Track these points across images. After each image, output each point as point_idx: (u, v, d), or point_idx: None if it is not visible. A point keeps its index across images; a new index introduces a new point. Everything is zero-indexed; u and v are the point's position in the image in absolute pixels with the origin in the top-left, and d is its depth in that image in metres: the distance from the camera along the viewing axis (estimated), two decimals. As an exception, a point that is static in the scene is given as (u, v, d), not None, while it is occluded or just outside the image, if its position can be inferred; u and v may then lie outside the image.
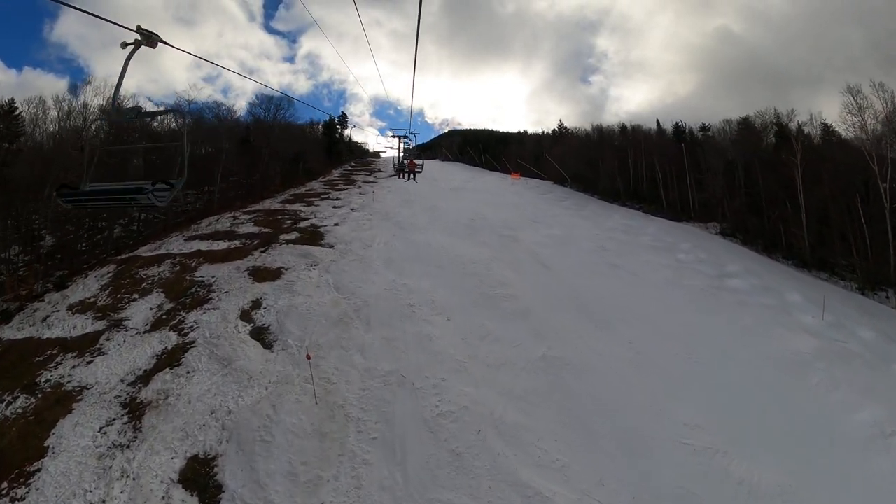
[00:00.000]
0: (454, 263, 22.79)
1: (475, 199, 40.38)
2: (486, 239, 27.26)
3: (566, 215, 35.05)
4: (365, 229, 28.94)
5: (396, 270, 21.70)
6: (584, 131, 57.20)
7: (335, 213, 34.54)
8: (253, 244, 27.03)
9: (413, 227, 29.39)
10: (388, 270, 21.75)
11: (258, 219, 33.70)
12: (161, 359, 16.54)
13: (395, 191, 45.18)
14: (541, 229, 30.29)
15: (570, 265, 23.48)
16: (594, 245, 27.66)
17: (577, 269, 22.99)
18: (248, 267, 23.25)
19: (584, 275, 22.48)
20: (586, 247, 27.36)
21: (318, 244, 26.28)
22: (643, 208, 41.41)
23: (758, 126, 40.96)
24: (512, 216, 33.19)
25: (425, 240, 26.35)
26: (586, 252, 26.26)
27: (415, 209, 35.25)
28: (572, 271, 22.67)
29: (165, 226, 36.02)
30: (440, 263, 22.78)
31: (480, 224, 30.47)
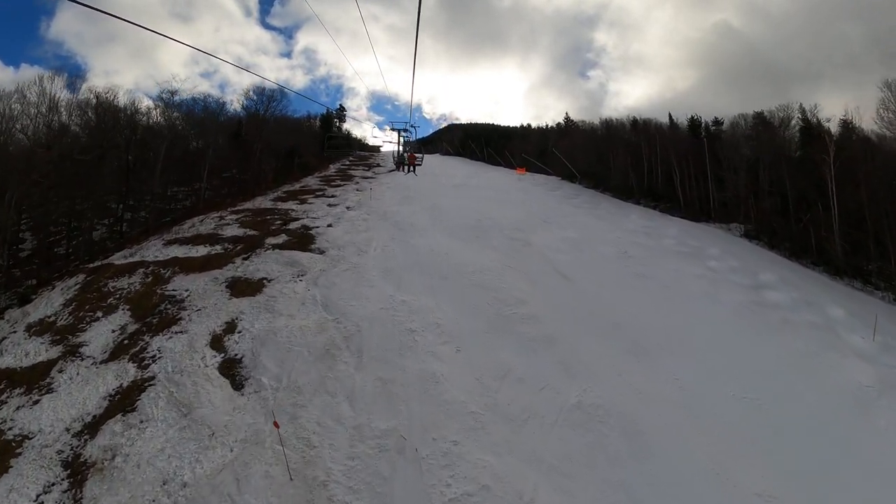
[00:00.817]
0: (460, 273, 19.65)
1: (479, 196, 37.13)
2: (494, 243, 24.08)
3: (579, 215, 31.84)
4: (360, 231, 25.75)
5: (395, 282, 18.56)
6: (591, 125, 53.79)
7: (329, 212, 31.30)
8: (235, 250, 23.85)
9: (413, 228, 26.18)
10: (385, 282, 18.61)
11: (245, 219, 30.45)
12: (114, 400, 13.52)
13: (395, 187, 41.88)
14: (554, 231, 27.11)
15: (592, 275, 20.35)
16: (615, 250, 24.50)
17: (601, 280, 19.87)
18: (227, 278, 20.10)
19: (609, 286, 19.36)
20: (607, 252, 24.21)
21: (308, 249, 23.11)
22: (659, 207, 38.19)
23: (775, 122, 37.77)
24: (521, 216, 29.97)
25: (427, 244, 23.17)
26: (608, 258, 23.13)
27: (415, 207, 32.01)
28: (596, 282, 19.55)
29: (147, 227, 32.81)
30: (445, 273, 19.64)
31: (487, 225, 27.26)
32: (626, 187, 40.87)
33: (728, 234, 33.09)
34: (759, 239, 32.64)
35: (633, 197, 40.47)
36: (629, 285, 19.81)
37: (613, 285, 19.43)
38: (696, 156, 38.71)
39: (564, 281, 19.33)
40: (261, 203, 37.17)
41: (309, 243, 24.04)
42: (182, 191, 43.24)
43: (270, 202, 37.32)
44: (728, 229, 34.34)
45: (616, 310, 17.25)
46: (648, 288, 19.84)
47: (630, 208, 36.96)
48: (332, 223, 27.93)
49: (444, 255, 21.71)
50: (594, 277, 19.92)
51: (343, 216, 29.77)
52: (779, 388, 14.13)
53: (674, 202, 38.79)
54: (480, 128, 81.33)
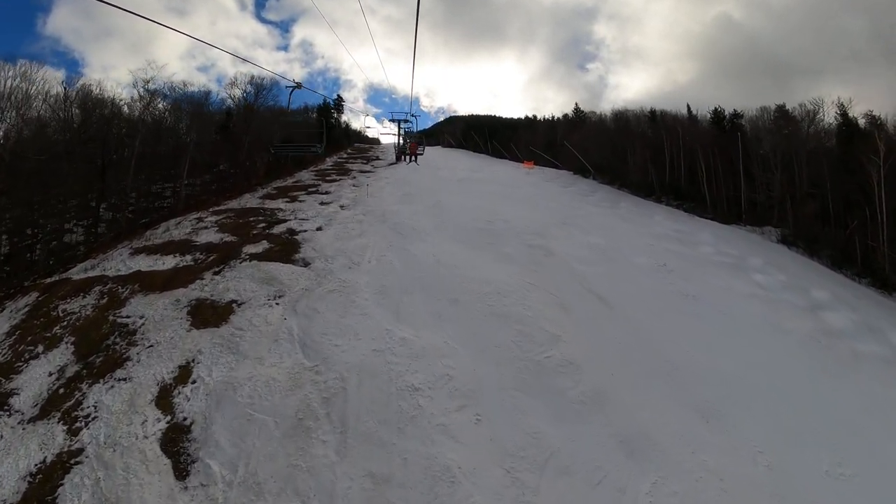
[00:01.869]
0: (474, 294, 15.94)
1: (487, 192, 33.25)
2: (510, 250, 20.32)
3: (600, 215, 28.05)
4: (354, 236, 21.95)
5: (392, 309, 14.87)
6: (603, 116, 49.66)
7: (321, 212, 27.48)
8: (207, 261, 20.11)
9: (415, 232, 22.38)
10: (379, 308, 14.92)
11: (226, 221, 26.65)
12: (34, 483, 9.96)
13: (394, 182, 37.98)
14: (576, 235, 23.36)
15: (632, 296, 16.68)
16: (650, 260, 20.81)
17: (644, 303, 16.21)
18: (191, 300, 16.42)
19: (654, 312, 15.71)
20: (642, 263, 20.51)
21: (291, 260, 19.39)
22: (684, 206, 34.39)
23: (798, 116, 33.95)
24: (536, 216, 26.16)
25: (431, 253, 19.42)
26: (645, 272, 19.45)
27: (416, 206, 28.18)
28: (639, 307, 15.89)
29: (120, 231, 28.99)
30: (454, 294, 15.94)
31: (500, 228, 23.46)
32: (645, 184, 37.00)
33: (764, 240, 29.37)
34: (797, 245, 28.96)
35: (654, 194, 36.62)
36: (678, 309, 16.15)
37: (660, 310, 15.77)
38: (722, 151, 34.84)
39: (602, 305, 15.64)
40: (247, 201, 33.31)
41: (293, 252, 20.30)
42: (169, 187, 39.36)
43: (258, 200, 33.46)
44: (762, 233, 30.63)
45: (670, 347, 13.62)
46: (701, 314, 16.18)
47: (653, 207, 33.14)
48: (322, 226, 24.13)
49: (451, 267, 17.98)
50: (635, 300, 16.24)
51: (335, 217, 25.96)
52: (874, 453, 10.74)
53: (698, 201, 34.98)
54: (484, 119, 76.97)
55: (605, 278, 17.81)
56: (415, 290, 15.76)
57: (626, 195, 36.52)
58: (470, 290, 16.25)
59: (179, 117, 36.18)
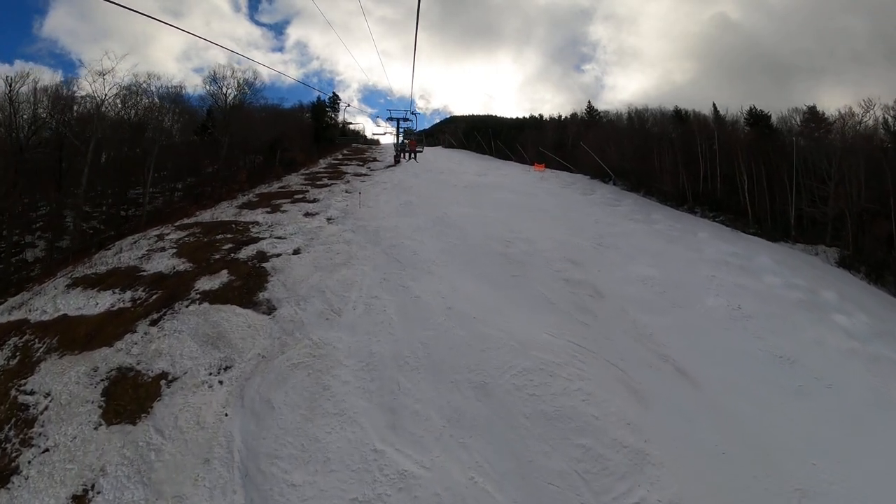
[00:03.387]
0: (508, 373, 10.96)
1: (499, 201, 28.30)
2: (544, 289, 15.37)
3: (640, 233, 23.10)
4: (338, 264, 16.98)
5: (385, 405, 9.96)
6: (619, 115, 44.73)
7: (303, 227, 22.52)
8: (148, 302, 15.20)
9: (416, 258, 17.42)
10: (365, 403, 10.02)
11: (187, 241, 21.69)
12: None
13: (392, 188, 32.94)
14: (620, 262, 18.51)
15: (718, 363, 11.90)
16: (721, 301, 16.01)
17: (737, 377, 11.39)
18: (112, 369, 11.56)
19: (753, 394, 10.90)
20: (713, 307, 15.71)
21: (252, 302, 14.50)
22: (723, 219, 29.56)
23: (839, 120, 29.36)
24: (564, 234, 21.24)
25: (439, 293, 14.45)
26: (720, 321, 14.68)
27: (417, 220, 23.21)
28: (731, 383, 11.07)
29: (68, 255, 23.94)
30: (479, 373, 10.96)
31: (523, 251, 18.51)
32: (676, 192, 32.14)
33: (821, 263, 24.56)
34: (857, 269, 24.22)
35: (686, 204, 31.77)
36: (778, 385, 11.35)
37: (759, 390, 10.93)
38: (765, 157, 30.05)
39: (685, 384, 10.82)
40: (223, 212, 28.26)
41: (256, 289, 15.38)
42: (150, 193, 34.30)
43: (235, 210, 28.41)
44: (815, 253, 25.84)
45: (792, 463, 8.80)
46: (808, 391, 11.37)
47: (691, 221, 28.25)
48: (300, 247, 19.18)
49: (469, 321, 13.00)
50: (724, 370, 11.42)
51: (319, 234, 20.98)
52: None
53: (738, 214, 30.17)
54: (488, 119, 71.94)
55: (678, 334, 12.97)
56: (419, 366, 10.85)
57: (656, 205, 31.62)
58: (500, 363, 11.29)
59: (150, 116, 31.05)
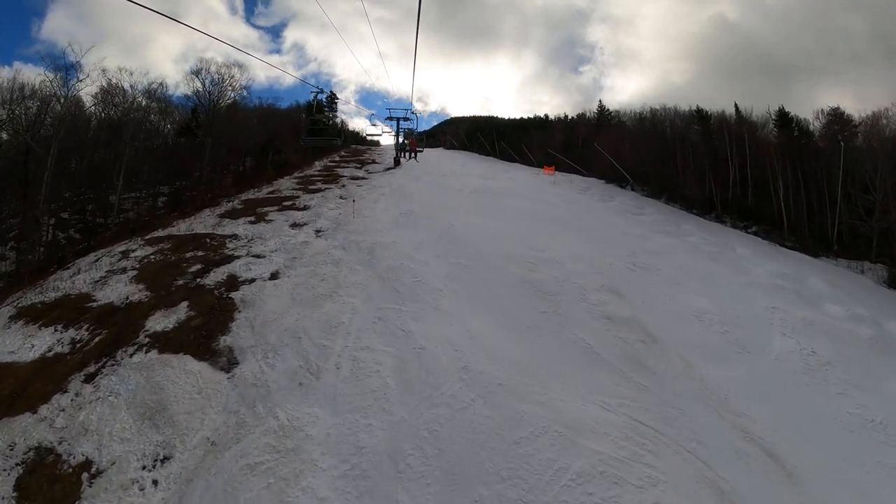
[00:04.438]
0: (555, 488, 7.43)
1: (511, 210, 24.73)
2: (584, 333, 11.75)
3: (676, 249, 19.48)
4: (322, 296, 13.43)
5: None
6: (634, 114, 41.19)
7: (286, 241, 19.02)
8: (89, 346, 11.71)
9: (419, 289, 13.81)
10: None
11: (152, 260, 18.20)
12: None
13: (391, 194, 29.39)
14: (666, 290, 15.01)
15: (808, 438, 8.48)
16: (791, 344, 12.62)
17: (834, 461, 7.91)
18: (29, 450, 8.26)
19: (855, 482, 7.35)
20: (784, 353, 12.24)
21: (209, 352, 11.02)
22: (759, 232, 26.03)
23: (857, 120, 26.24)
24: (593, 252, 17.64)
25: (450, 344, 10.86)
26: (795, 373, 11.34)
27: (420, 233, 19.68)
28: (828, 470, 7.53)
29: (31, 269, 20.30)
30: (515, 491, 7.38)
31: (550, 279, 14.88)
32: (702, 199, 28.62)
33: (871, 283, 20.97)
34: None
35: (714, 212, 28.24)
36: (875, 461, 7.82)
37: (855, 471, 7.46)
38: (801, 163, 26.62)
39: (781, 479, 7.37)
40: (201, 221, 24.71)
41: (218, 331, 11.87)
42: (133, 198, 30.78)
43: (215, 219, 24.88)
44: (861, 271, 22.31)
45: None
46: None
47: (724, 233, 24.71)
48: (279, 270, 15.66)
49: (494, 390, 9.42)
50: (816, 449, 7.96)
51: (304, 252, 17.44)
52: None
53: (772, 224, 26.65)
54: (492, 120, 68.42)
55: (755, 394, 9.69)
56: (427, 471, 7.40)
57: (682, 213, 28.07)
58: (543, 465, 7.77)
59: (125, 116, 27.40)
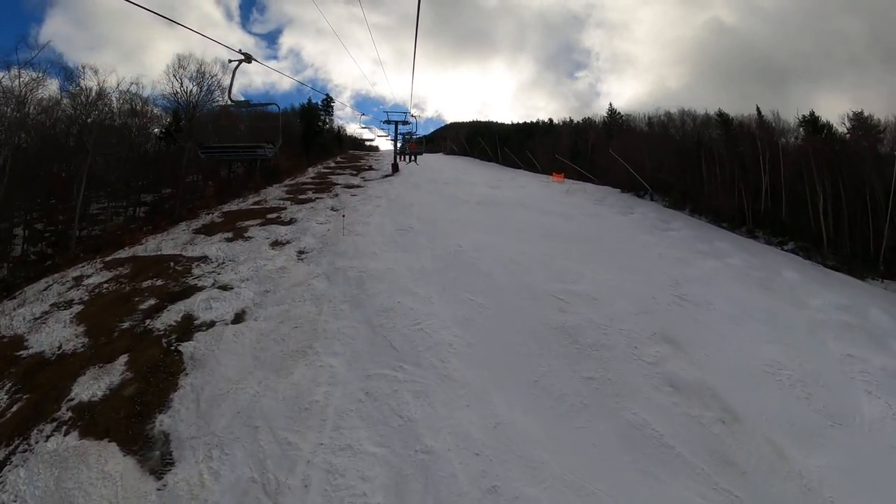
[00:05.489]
0: None
1: (527, 225, 21.51)
2: (646, 413, 8.44)
3: (721, 274, 16.20)
4: (293, 353, 10.18)
5: None
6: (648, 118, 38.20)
7: (262, 266, 15.82)
8: (5, 417, 8.50)
9: (422, 343, 10.45)
10: None
11: (105, 290, 15.07)
12: None
13: (388, 206, 26.16)
14: (728, 335, 11.91)
15: None
16: (882, 406, 9.95)
17: None
18: None
19: None
20: (875, 414, 9.72)
21: (138, 443, 7.83)
22: (796, 249, 22.98)
23: None
24: (631, 282, 14.40)
25: (470, 448, 7.35)
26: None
27: (422, 257, 16.49)
28: None
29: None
30: None
31: (589, 324, 11.47)
32: (731, 211, 25.55)
33: None
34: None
35: (745, 226, 25.18)
36: None
37: None
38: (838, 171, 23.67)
39: None
40: (172, 239, 21.50)
41: (154, 407, 8.71)
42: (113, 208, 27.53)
43: (189, 235, 21.69)
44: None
45: None
46: None
47: (762, 251, 21.67)
48: (247, 308, 12.44)
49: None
50: None
51: (280, 283, 14.22)
52: None
53: (809, 240, 23.62)
54: (493, 125, 65.42)
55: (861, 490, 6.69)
56: None
57: (711, 227, 24.99)
58: None
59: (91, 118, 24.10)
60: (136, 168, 29.21)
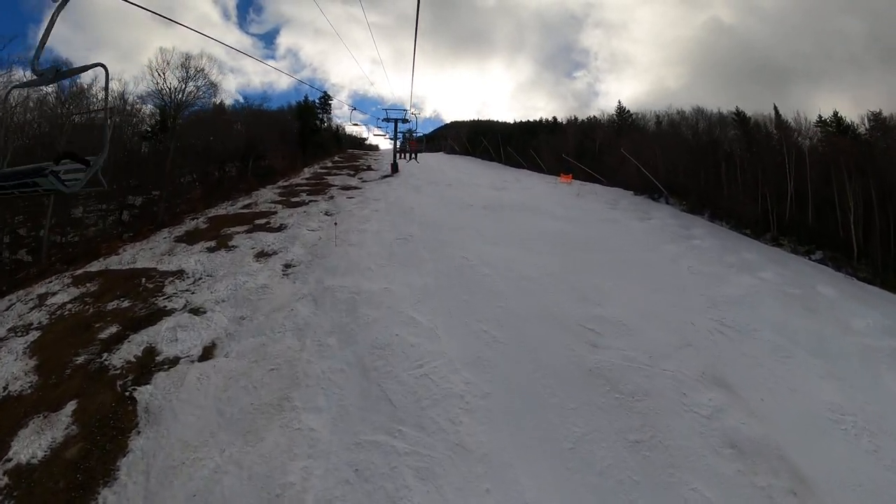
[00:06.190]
0: None
1: (537, 232, 19.66)
2: (706, 487, 6.70)
3: (761, 293, 14.36)
4: (266, 408, 8.34)
5: None
6: (658, 117, 36.27)
7: (242, 284, 13.93)
8: None
9: (425, 390, 8.65)
10: None
11: (66, 313, 13.21)
12: None
13: (386, 210, 24.25)
14: (780, 371, 10.12)
15: None
16: None
17: None
18: None
19: None
20: None
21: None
22: (825, 259, 21.11)
23: None
24: (663, 304, 12.58)
25: None
26: None
27: (423, 273, 14.62)
28: None
29: None
30: None
31: (624, 359, 9.72)
32: (754, 217, 23.67)
33: None
34: None
35: (769, 233, 23.31)
36: None
37: None
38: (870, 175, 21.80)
39: None
40: (151, 248, 19.62)
41: (98, 478, 6.98)
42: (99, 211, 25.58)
43: (168, 244, 19.79)
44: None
45: None
46: None
47: (791, 262, 19.84)
48: (217, 340, 10.55)
49: None
50: None
51: (259, 306, 12.33)
52: None
53: (838, 249, 21.76)
54: (496, 124, 63.37)
55: None
56: None
57: (733, 234, 23.14)
58: None
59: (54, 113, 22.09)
60: (120, 170, 27.21)
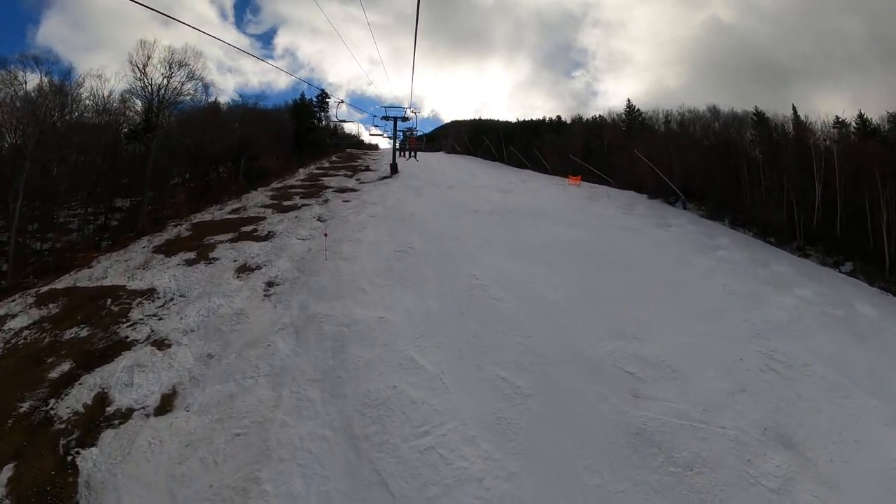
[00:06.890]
0: None
1: (552, 242, 17.83)
2: None
3: (804, 315, 12.65)
4: (226, 488, 6.61)
5: None
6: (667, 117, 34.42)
7: (216, 309, 12.16)
8: None
9: (434, 473, 6.72)
10: None
11: (19, 342, 11.49)
12: None
13: (384, 217, 22.37)
14: (839, 416, 8.60)
15: None
16: None
17: None
18: None
19: None
20: None
21: None
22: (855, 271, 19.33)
23: None
24: (705, 335, 10.81)
25: None
26: None
27: (425, 298, 12.84)
28: None
29: None
30: None
31: (674, 414, 7.85)
32: (783, 225, 21.89)
33: None
34: None
35: (795, 242, 21.54)
36: None
37: None
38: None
39: None
40: (126, 260, 17.79)
41: None
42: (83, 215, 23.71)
43: (145, 256, 17.97)
44: None
45: None
46: None
47: (824, 275, 18.02)
48: (177, 386, 8.83)
49: None
50: None
51: (232, 340, 10.55)
52: None
53: (864, 258, 20.02)
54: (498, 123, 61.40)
55: None
56: None
57: (758, 243, 21.37)
58: None
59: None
60: (101, 173, 25.27)
